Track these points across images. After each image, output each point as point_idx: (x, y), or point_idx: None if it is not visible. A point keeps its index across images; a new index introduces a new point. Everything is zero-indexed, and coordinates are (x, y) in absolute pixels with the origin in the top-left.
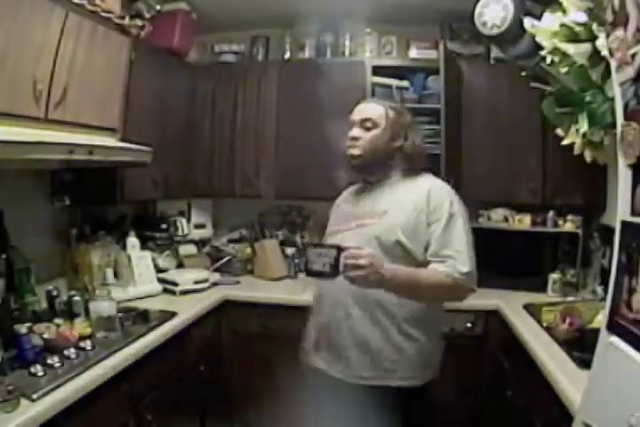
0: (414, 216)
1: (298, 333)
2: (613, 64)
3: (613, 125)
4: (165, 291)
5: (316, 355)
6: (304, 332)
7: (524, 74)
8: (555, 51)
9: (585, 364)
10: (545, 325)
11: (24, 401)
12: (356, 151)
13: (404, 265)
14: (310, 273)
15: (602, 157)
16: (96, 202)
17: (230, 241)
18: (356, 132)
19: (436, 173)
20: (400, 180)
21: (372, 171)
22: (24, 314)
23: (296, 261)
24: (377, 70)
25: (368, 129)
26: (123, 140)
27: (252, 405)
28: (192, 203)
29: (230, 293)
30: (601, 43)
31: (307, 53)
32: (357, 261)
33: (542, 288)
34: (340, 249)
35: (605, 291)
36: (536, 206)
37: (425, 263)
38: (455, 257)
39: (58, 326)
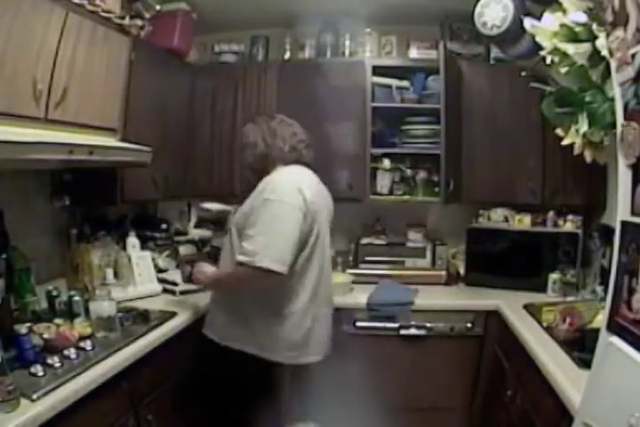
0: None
1: None
2: (613, 64)
3: (613, 125)
4: (165, 291)
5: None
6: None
7: (523, 74)
8: (555, 51)
9: (585, 364)
10: (545, 325)
11: (24, 401)
12: None
13: None
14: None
15: (602, 157)
16: (96, 202)
17: None
18: None
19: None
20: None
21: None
22: (24, 314)
23: None
24: (377, 70)
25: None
26: (123, 140)
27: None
28: (192, 203)
29: None
30: (601, 43)
31: (307, 53)
32: (194, 272)
33: (542, 288)
34: (192, 264)
35: (605, 291)
36: (536, 206)
37: None
38: (247, 239)
39: (58, 326)
